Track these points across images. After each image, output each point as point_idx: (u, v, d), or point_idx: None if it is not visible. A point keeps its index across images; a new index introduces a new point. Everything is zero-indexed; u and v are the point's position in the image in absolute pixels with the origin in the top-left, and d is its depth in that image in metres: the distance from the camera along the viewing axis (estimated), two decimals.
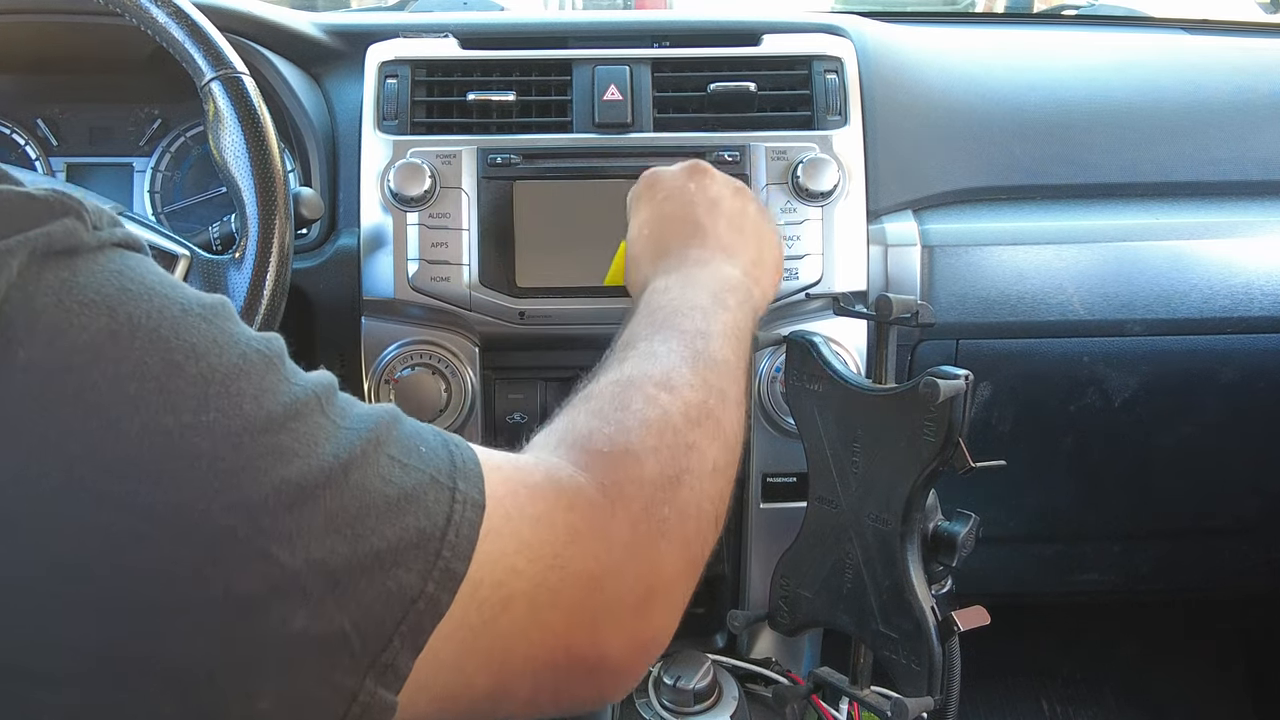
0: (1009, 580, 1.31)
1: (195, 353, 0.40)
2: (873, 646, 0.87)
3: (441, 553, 0.43)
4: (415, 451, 0.45)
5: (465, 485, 0.46)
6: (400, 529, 0.42)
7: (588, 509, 0.51)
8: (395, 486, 0.43)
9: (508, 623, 0.46)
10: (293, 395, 0.42)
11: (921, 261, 1.03)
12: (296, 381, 0.43)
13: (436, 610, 0.43)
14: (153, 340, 0.39)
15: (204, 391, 0.39)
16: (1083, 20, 1.56)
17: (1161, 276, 1.06)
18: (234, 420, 0.40)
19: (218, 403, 0.40)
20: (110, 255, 0.40)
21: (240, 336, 0.43)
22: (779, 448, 1.03)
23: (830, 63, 1.06)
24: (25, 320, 0.36)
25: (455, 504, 0.45)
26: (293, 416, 0.42)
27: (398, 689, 0.42)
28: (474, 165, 0.99)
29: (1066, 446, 1.19)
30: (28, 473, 0.36)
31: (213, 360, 0.40)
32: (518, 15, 1.33)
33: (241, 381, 0.41)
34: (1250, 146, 1.13)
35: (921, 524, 0.85)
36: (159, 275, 0.42)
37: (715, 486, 0.59)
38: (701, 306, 0.69)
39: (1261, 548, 1.34)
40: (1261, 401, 1.14)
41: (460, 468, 0.46)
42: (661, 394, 0.59)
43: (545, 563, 0.48)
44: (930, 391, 0.78)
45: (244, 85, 0.87)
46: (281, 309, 0.88)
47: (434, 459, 0.46)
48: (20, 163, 1.13)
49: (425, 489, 0.44)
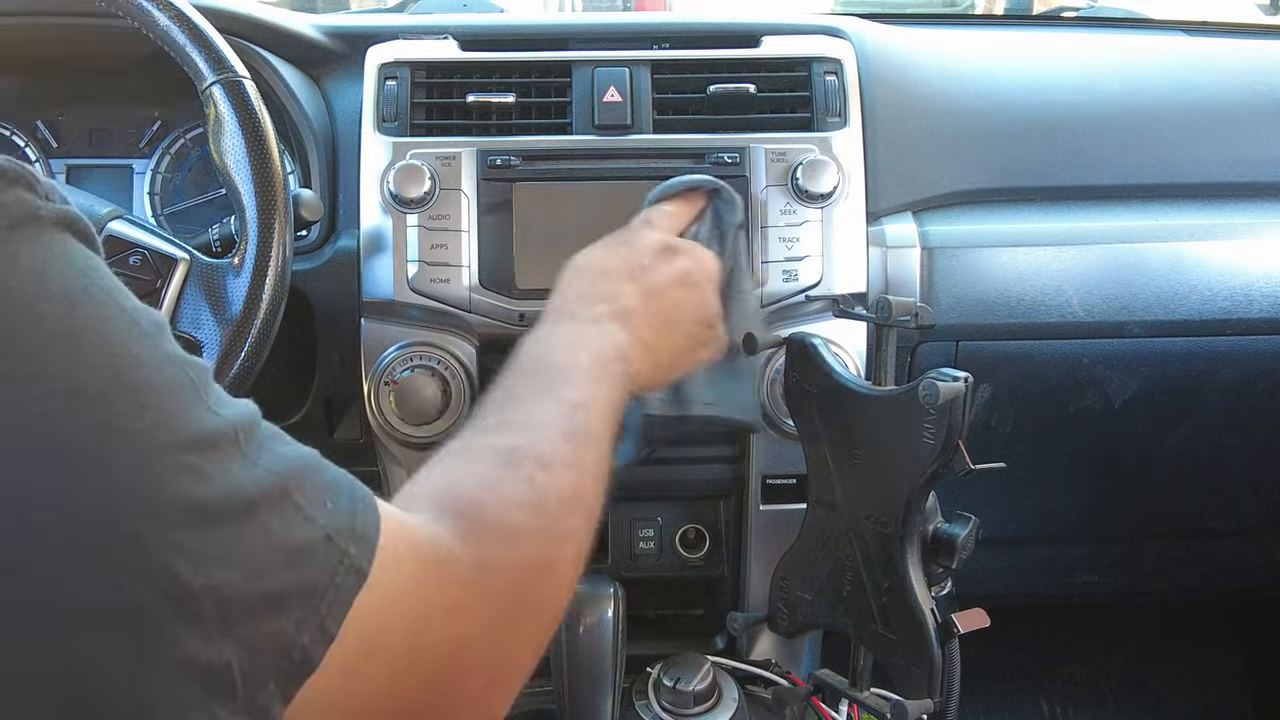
0: (1009, 582, 1.31)
1: (138, 361, 0.41)
2: (873, 648, 0.87)
3: (319, 609, 0.44)
4: (321, 505, 0.46)
5: (356, 550, 0.46)
6: (290, 578, 0.43)
7: (460, 586, 0.51)
8: (294, 535, 0.44)
9: (366, 686, 0.47)
10: (214, 423, 0.43)
11: (921, 263, 1.03)
12: (219, 411, 0.44)
13: (308, 664, 0.44)
14: (102, 340, 0.40)
15: (141, 399, 0.40)
16: (1082, 22, 1.56)
17: (1161, 278, 1.06)
18: (162, 432, 0.40)
19: (151, 414, 0.40)
20: (64, 243, 0.41)
21: (176, 356, 0.44)
22: (779, 450, 1.03)
23: (830, 64, 1.06)
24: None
25: (341, 566, 0.45)
26: (211, 444, 0.42)
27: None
28: (474, 167, 0.99)
29: (1066, 448, 1.19)
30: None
31: (151, 371, 0.41)
32: (517, 17, 1.33)
33: (172, 398, 0.42)
34: (1250, 148, 1.13)
35: (921, 526, 0.85)
36: (109, 276, 0.43)
37: (576, 573, 0.60)
38: (583, 372, 0.69)
39: (1261, 549, 1.34)
40: (1261, 403, 1.14)
41: (358, 532, 0.47)
42: (541, 474, 0.59)
43: (410, 633, 0.49)
44: (930, 394, 0.78)
45: (245, 89, 0.88)
46: (281, 311, 0.88)
47: (337, 517, 0.46)
48: None
49: (319, 545, 0.45)
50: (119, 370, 0.40)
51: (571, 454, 0.62)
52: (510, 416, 0.64)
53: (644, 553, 1.11)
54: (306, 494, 0.46)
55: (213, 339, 0.86)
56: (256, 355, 0.86)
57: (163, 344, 0.43)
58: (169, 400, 0.41)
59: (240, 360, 0.85)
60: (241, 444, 0.44)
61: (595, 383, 0.68)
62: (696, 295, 0.82)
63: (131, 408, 0.40)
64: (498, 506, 0.56)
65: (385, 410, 0.99)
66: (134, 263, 0.88)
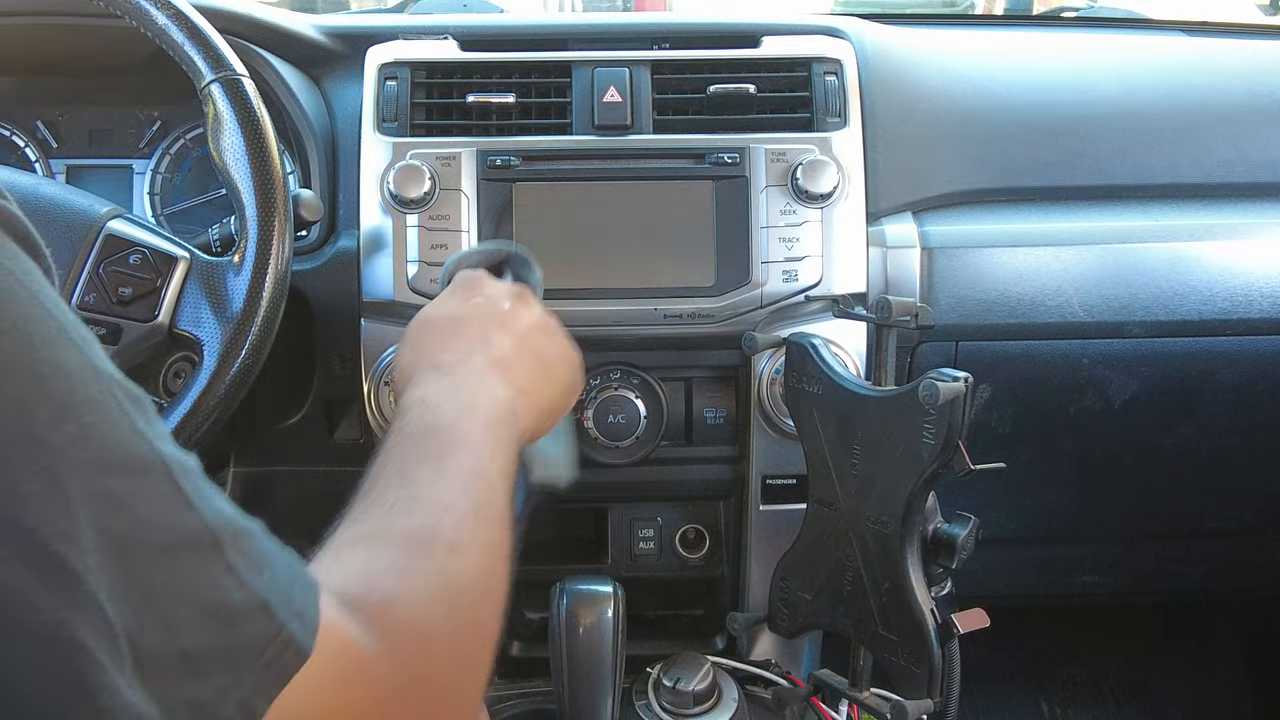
0: (1009, 582, 1.31)
1: (62, 370, 0.39)
2: (872, 649, 0.87)
3: (244, 681, 0.41)
4: (257, 571, 0.43)
5: (298, 628, 0.44)
6: (213, 639, 0.41)
7: (379, 685, 0.50)
8: (221, 594, 0.42)
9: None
10: (140, 450, 0.41)
11: (921, 263, 1.03)
12: (153, 441, 0.41)
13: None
14: (24, 342, 0.38)
15: (61, 410, 0.38)
16: (1082, 22, 1.56)
17: (1161, 278, 1.06)
18: (79, 449, 0.38)
19: (70, 427, 0.38)
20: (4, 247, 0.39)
21: (107, 373, 0.41)
22: (778, 450, 1.03)
23: (830, 65, 1.06)
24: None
25: (279, 640, 0.43)
26: (135, 471, 0.40)
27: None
28: (473, 167, 0.99)
29: (1066, 448, 1.19)
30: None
31: (76, 383, 0.39)
32: (517, 17, 1.34)
33: (96, 414, 0.39)
34: (1250, 148, 1.13)
35: (921, 526, 0.85)
36: (43, 281, 0.41)
37: (488, 663, 0.58)
38: (478, 438, 0.66)
39: (1261, 549, 1.34)
40: (1261, 403, 1.14)
41: (298, 608, 0.45)
42: (453, 561, 0.57)
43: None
44: (930, 394, 0.78)
45: (244, 88, 0.88)
46: (281, 311, 0.88)
47: (274, 588, 0.44)
48: (20, 165, 1.13)
49: (252, 612, 0.42)
50: (40, 376, 0.38)
51: (479, 533, 0.60)
52: (415, 493, 0.60)
53: (644, 553, 1.11)
54: (242, 554, 0.43)
55: (213, 338, 0.86)
56: (256, 355, 0.86)
57: (94, 358, 0.41)
58: (92, 416, 0.39)
59: (240, 360, 0.85)
60: (175, 480, 0.41)
61: (491, 449, 0.65)
62: (558, 339, 0.81)
63: (49, 417, 0.37)
64: (411, 605, 0.53)
65: (385, 410, 0.99)
66: (134, 261, 0.88)
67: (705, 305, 0.99)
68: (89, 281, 0.87)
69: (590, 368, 1.03)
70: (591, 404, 1.01)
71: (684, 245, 1.00)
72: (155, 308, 0.87)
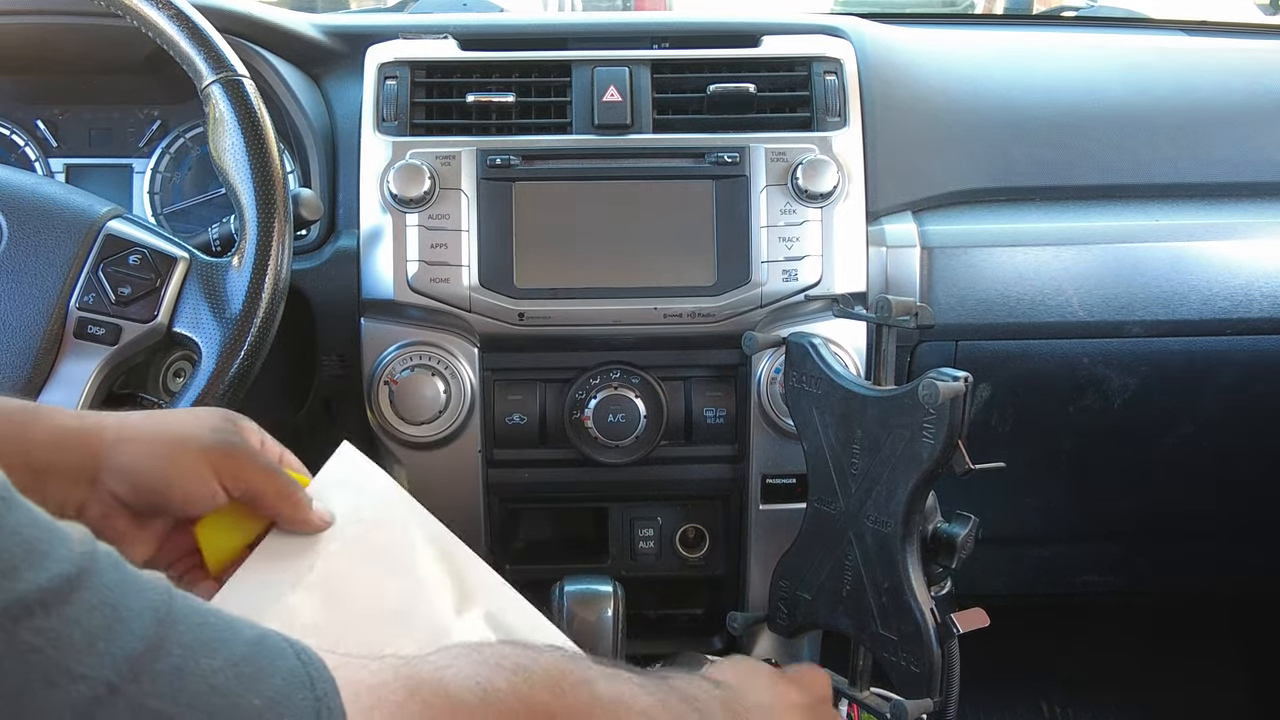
0: (1009, 581, 1.31)
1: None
2: (872, 648, 0.87)
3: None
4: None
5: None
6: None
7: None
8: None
9: None
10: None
11: (921, 263, 1.03)
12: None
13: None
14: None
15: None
16: (1082, 22, 1.56)
17: (1161, 278, 1.06)
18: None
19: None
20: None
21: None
22: (778, 449, 1.03)
23: (830, 64, 1.06)
24: None
25: None
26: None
27: None
28: (473, 166, 0.99)
29: (1066, 448, 1.19)
30: None
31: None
32: (517, 16, 1.34)
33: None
34: (1249, 147, 1.13)
35: (921, 526, 0.85)
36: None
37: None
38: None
39: (1261, 549, 1.34)
40: (1261, 402, 1.14)
41: None
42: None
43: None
44: (930, 393, 0.78)
45: (244, 88, 0.88)
46: (280, 311, 0.88)
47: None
48: (20, 164, 1.13)
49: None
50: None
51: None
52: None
53: (644, 552, 1.11)
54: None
55: (212, 338, 0.86)
56: (256, 354, 0.86)
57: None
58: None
59: (240, 360, 0.85)
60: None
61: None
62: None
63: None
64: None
65: (385, 410, 0.99)
66: (133, 262, 0.88)
67: (705, 304, 0.99)
68: (89, 281, 0.87)
69: (590, 367, 1.03)
70: (591, 403, 1.01)
71: (684, 244, 1.00)
72: (155, 308, 0.87)
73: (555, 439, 1.04)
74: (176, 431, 0.68)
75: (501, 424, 1.03)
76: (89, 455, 0.67)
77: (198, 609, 0.43)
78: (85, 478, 0.67)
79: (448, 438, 1.00)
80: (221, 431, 0.69)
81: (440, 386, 0.99)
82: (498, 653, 0.57)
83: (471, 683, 0.53)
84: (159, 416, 0.72)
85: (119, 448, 0.67)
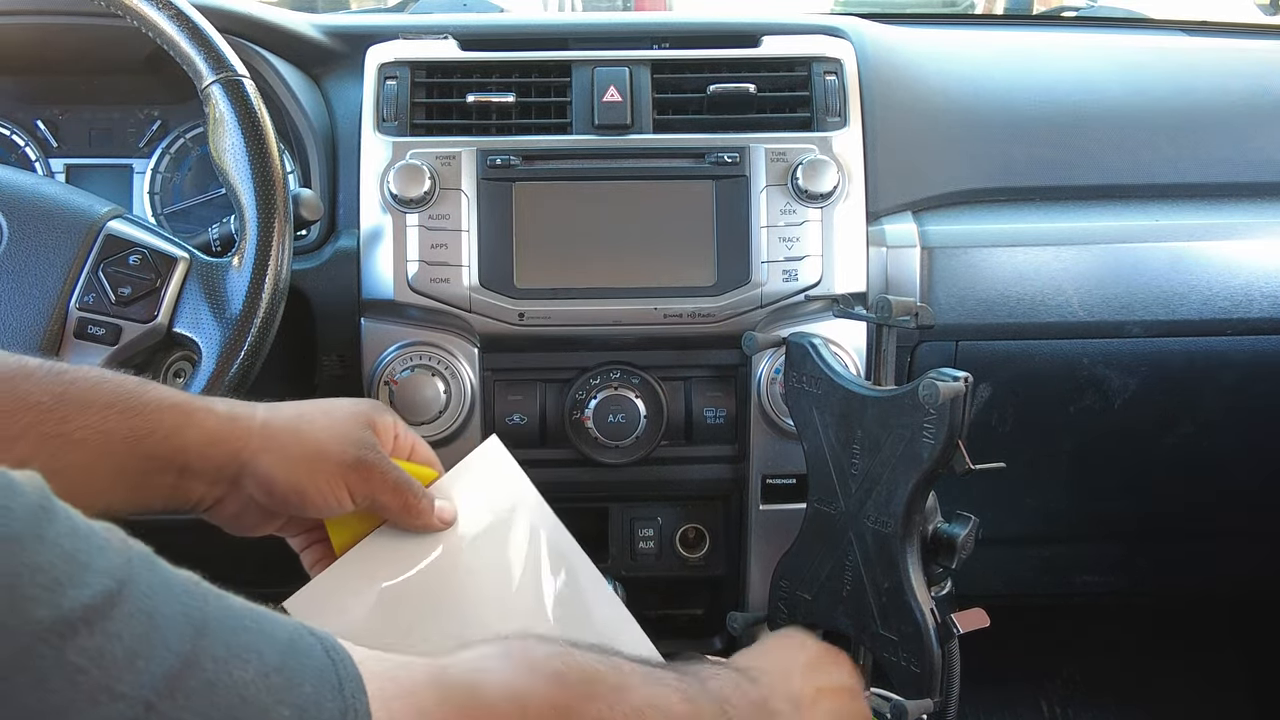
0: (1009, 582, 1.31)
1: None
2: (872, 648, 0.87)
3: None
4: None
5: None
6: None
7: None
8: None
9: None
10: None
11: (921, 263, 1.03)
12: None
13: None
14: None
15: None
16: (1082, 22, 1.56)
17: (1161, 278, 1.06)
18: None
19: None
20: None
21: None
22: (779, 449, 1.03)
23: (830, 64, 1.06)
24: None
25: None
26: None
27: None
28: (473, 167, 0.99)
29: (1066, 448, 1.19)
30: None
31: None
32: (517, 16, 1.34)
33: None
34: (1249, 148, 1.13)
35: (921, 526, 0.85)
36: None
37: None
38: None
39: (1261, 549, 1.34)
40: (1261, 403, 1.14)
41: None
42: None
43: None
44: (930, 393, 0.78)
45: (244, 88, 0.88)
46: (280, 311, 0.88)
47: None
48: (20, 164, 1.13)
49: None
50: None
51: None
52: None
53: (644, 552, 1.11)
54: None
55: (212, 338, 0.86)
56: (256, 355, 0.86)
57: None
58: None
59: (240, 360, 0.85)
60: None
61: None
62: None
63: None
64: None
65: None
66: (134, 262, 0.88)
67: (705, 305, 0.99)
68: (89, 281, 0.87)
69: (590, 367, 1.03)
70: (591, 403, 1.01)
71: (684, 245, 1.00)
72: (155, 308, 0.87)
73: (555, 439, 1.04)
74: (317, 445, 0.74)
75: (501, 424, 1.03)
76: (233, 460, 0.72)
77: (233, 611, 0.44)
78: (227, 478, 0.72)
79: (448, 438, 1.00)
80: (359, 446, 0.75)
81: (440, 387, 0.99)
82: (533, 654, 0.57)
83: (507, 690, 0.53)
84: (304, 421, 0.77)
85: (261, 457, 0.72)
